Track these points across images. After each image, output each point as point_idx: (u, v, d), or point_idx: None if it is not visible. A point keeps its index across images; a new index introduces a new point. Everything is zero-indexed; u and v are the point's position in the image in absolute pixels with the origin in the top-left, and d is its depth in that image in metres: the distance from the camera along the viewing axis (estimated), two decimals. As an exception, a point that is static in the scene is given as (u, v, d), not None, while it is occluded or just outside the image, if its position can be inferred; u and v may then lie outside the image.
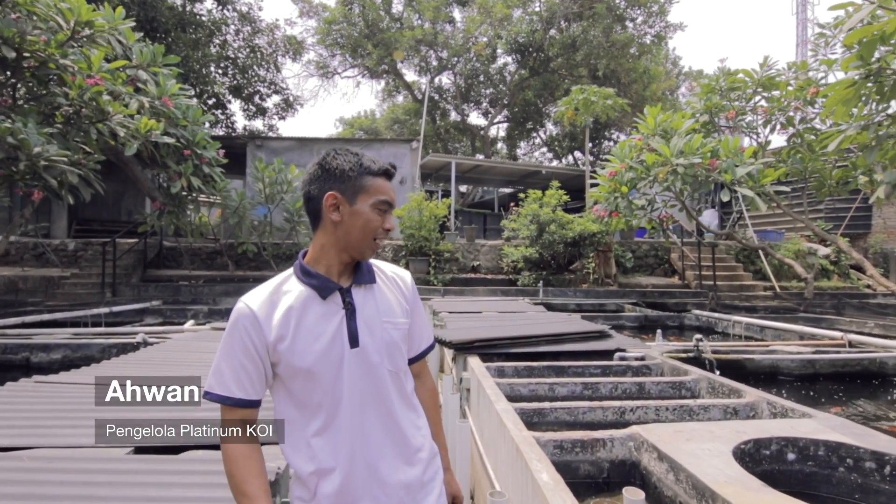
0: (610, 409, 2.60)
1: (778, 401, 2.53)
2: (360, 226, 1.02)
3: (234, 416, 0.99)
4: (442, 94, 22.62)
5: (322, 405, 1.00)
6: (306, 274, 1.05)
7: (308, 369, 0.99)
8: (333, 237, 1.04)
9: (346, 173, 1.02)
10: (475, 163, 13.98)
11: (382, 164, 1.07)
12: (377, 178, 1.04)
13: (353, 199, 1.02)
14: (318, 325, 1.01)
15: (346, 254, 1.05)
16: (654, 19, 15.76)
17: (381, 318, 1.07)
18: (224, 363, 0.99)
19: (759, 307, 8.76)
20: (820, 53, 8.49)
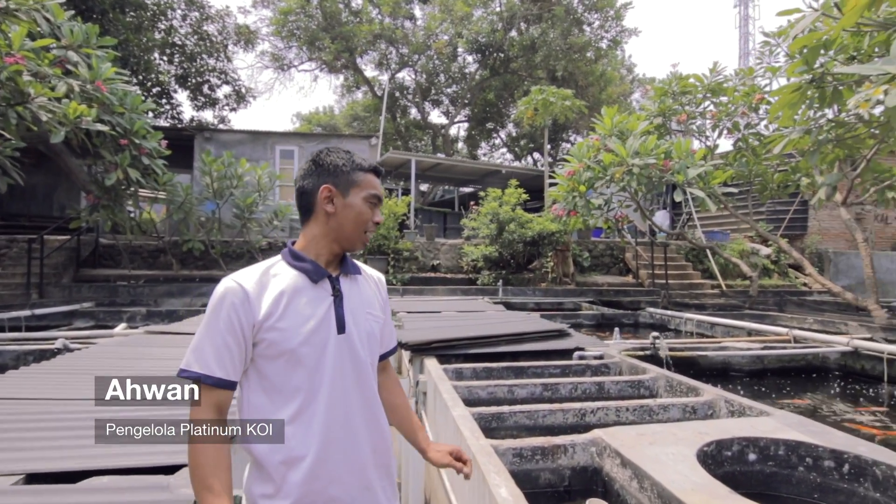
0: (570, 411, 2.50)
1: (735, 398, 2.52)
2: (352, 217, 1.07)
3: (209, 398, 0.97)
4: (402, 91, 22.35)
5: (300, 389, 1.00)
6: (297, 258, 1.07)
7: (293, 351, 0.99)
8: (326, 227, 1.08)
9: (340, 168, 1.08)
10: (435, 161, 13.84)
11: (372, 162, 1.12)
12: (368, 174, 1.10)
13: (346, 192, 1.07)
14: (308, 307, 1.03)
15: (337, 244, 1.10)
16: (610, 23, 16.15)
17: (364, 309, 1.11)
18: (206, 340, 0.97)
19: (707, 304, 9.08)
20: (764, 61, 8.89)
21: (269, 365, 1.00)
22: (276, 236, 10.59)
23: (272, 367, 1.00)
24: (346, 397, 1.04)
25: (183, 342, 3.99)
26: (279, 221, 10.04)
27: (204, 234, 10.06)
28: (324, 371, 1.01)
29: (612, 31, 16.38)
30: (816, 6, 4.42)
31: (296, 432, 0.99)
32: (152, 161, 7.74)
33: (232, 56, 13.74)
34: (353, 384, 1.05)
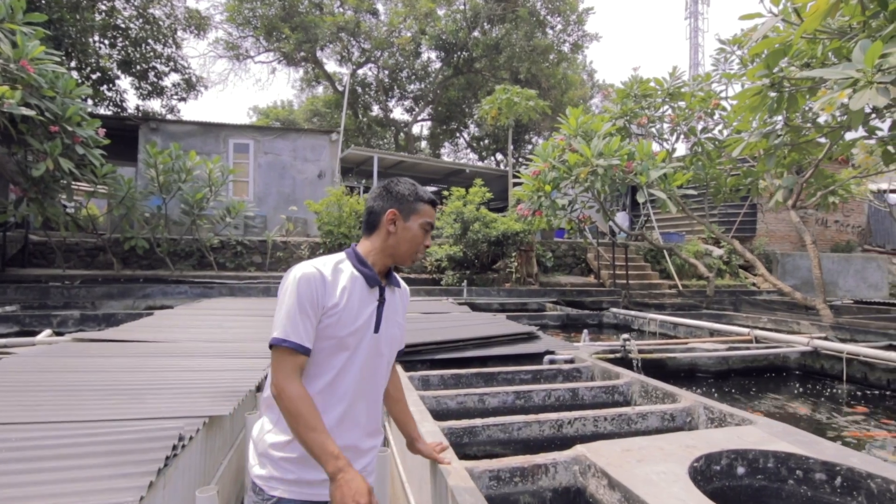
0: (546, 422, 2.34)
1: (713, 405, 2.42)
2: (409, 238, 1.27)
3: (296, 362, 1.14)
4: (365, 87, 21.88)
5: (335, 368, 1.20)
6: (362, 263, 1.26)
7: (342, 338, 1.18)
8: (385, 244, 1.27)
9: (406, 197, 1.28)
10: (399, 158, 13.54)
11: (431, 196, 1.32)
12: (427, 205, 1.30)
13: (408, 218, 1.27)
14: (360, 306, 1.22)
15: (391, 259, 1.29)
16: (572, 27, 16.34)
17: (394, 317, 1.31)
18: (297, 316, 1.13)
19: (666, 304, 9.26)
20: (720, 68, 9.16)
21: (318, 343, 1.18)
22: (228, 234, 10.00)
23: (319, 346, 1.18)
24: (366, 384, 1.24)
25: (119, 351, 3.58)
26: (232, 219, 9.48)
27: (149, 231, 9.37)
28: (356, 359, 1.21)
29: (574, 34, 16.60)
30: (776, 11, 4.50)
31: (320, 400, 1.17)
32: (88, 151, 7.08)
33: (181, 42, 12.90)
34: (374, 374, 1.26)
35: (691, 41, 40.58)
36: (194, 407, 2.25)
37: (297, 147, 12.55)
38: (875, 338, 5.50)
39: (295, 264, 1.23)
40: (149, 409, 2.22)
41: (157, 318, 5.31)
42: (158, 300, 8.46)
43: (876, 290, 12.11)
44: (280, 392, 1.11)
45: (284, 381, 1.11)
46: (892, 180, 14.65)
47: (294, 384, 1.12)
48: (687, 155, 9.98)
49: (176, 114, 14.06)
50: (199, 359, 3.43)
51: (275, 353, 1.15)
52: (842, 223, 15.22)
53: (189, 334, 4.35)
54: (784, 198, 5.36)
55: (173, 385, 2.67)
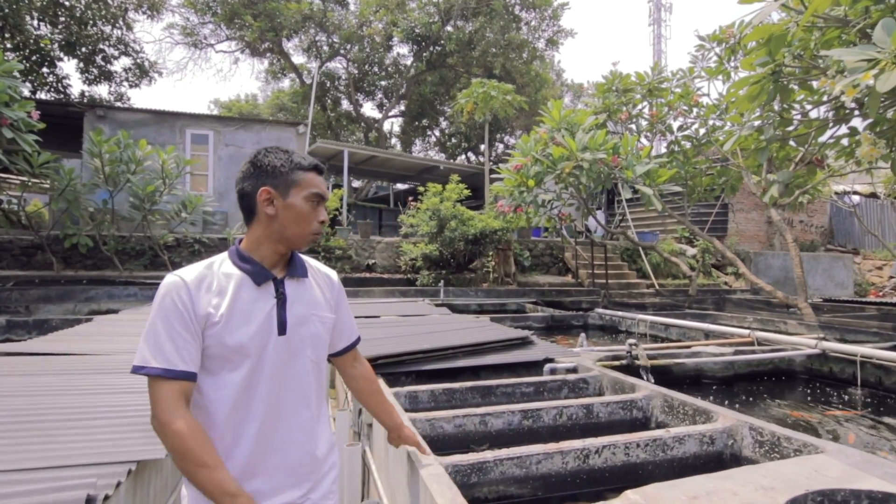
0: (570, 452, 1.92)
1: (760, 424, 2.06)
2: (294, 218, 1.07)
3: (174, 389, 0.95)
4: (333, 80, 21.11)
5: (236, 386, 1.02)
6: (243, 259, 1.08)
7: (235, 348, 1.02)
8: (269, 230, 1.08)
9: (278, 169, 1.08)
10: (370, 153, 12.97)
11: (312, 160, 1.12)
12: (308, 173, 1.10)
13: (286, 193, 1.07)
14: (250, 308, 1.04)
15: (281, 245, 1.10)
16: (547, 22, 16.15)
17: (310, 311, 1.13)
18: (162, 334, 0.97)
19: (647, 304, 9.09)
20: (698, 65, 9.05)
21: (208, 361, 1.02)
22: (184, 231, 9.21)
23: (211, 364, 1.02)
24: (282, 396, 1.07)
25: (41, 367, 2.95)
26: (188, 214, 8.71)
27: (94, 227, 8.48)
28: (262, 371, 1.04)
29: (550, 30, 16.42)
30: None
31: (229, 425, 1.02)
32: (18, 135, 6.24)
33: (133, 24, 11.87)
34: (290, 384, 1.09)
35: (654, 47, 41.43)
36: (121, 447, 1.72)
37: (261, 139, 11.79)
38: (867, 337, 5.39)
39: None
40: (60, 453, 1.67)
41: (97, 325, 4.63)
42: (104, 304, 7.63)
43: (842, 288, 12.41)
44: (161, 428, 0.94)
45: (163, 415, 0.94)
46: (856, 181, 15.13)
47: (175, 416, 0.94)
48: (663, 154, 9.88)
49: (126, 101, 13.00)
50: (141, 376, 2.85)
51: (148, 383, 0.96)
52: (806, 223, 15.64)
53: (132, 344, 3.72)
54: (780, 193, 5.19)
55: (101, 413, 2.12)
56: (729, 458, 2.12)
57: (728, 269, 13.47)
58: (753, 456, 2.05)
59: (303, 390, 1.11)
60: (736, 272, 13.25)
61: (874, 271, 14.98)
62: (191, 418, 0.95)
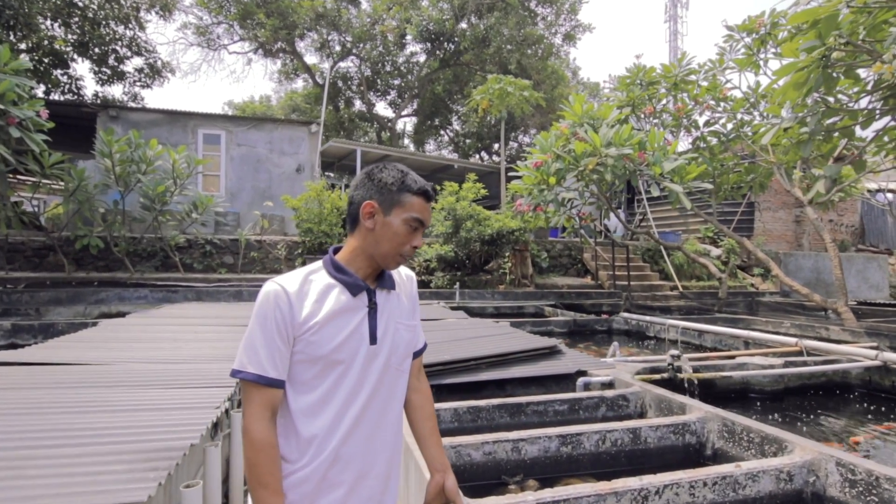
0: (625, 494, 1.61)
1: (848, 459, 1.73)
2: (388, 237, 1.08)
3: (263, 397, 1.00)
4: (346, 80, 20.95)
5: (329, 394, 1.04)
6: (339, 270, 1.10)
7: (328, 356, 1.03)
8: (365, 242, 1.10)
9: (388, 186, 1.08)
10: (383, 152, 12.73)
11: (423, 184, 1.11)
12: (415, 197, 1.09)
13: (389, 211, 1.08)
14: (344, 317, 1.06)
15: (372, 260, 1.11)
16: (564, 17, 15.75)
17: (396, 321, 1.14)
18: (259, 341, 1.01)
19: (672, 307, 8.68)
20: (727, 56, 8.63)
21: (302, 369, 1.04)
22: (195, 232, 9.06)
23: (305, 372, 1.04)
24: (373, 405, 1.08)
25: (32, 380, 2.75)
26: (200, 215, 8.55)
27: (105, 228, 8.37)
28: (352, 379, 1.05)
29: (567, 24, 16.02)
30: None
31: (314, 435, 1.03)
32: (26, 134, 6.10)
33: (145, 24, 11.79)
34: (381, 392, 1.09)
35: (671, 44, 40.64)
36: (97, 486, 1.46)
37: (273, 139, 11.64)
38: (921, 345, 4.95)
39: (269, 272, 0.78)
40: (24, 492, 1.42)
41: (101, 331, 4.43)
42: (114, 306, 7.48)
43: (877, 290, 11.81)
44: (245, 431, 0.99)
45: (250, 421, 0.99)
46: (889, 178, 14.46)
47: (259, 426, 0.98)
48: (689, 150, 9.46)
49: (139, 102, 12.95)
50: (136, 390, 2.61)
51: (242, 386, 1.02)
52: (836, 222, 14.99)
53: (133, 353, 3.50)
54: (826, 189, 4.80)
55: (84, 437, 1.87)
56: (811, 498, 1.79)
57: (755, 270, 12.94)
58: (843, 498, 1.72)
59: (390, 401, 1.12)
60: (763, 273, 12.72)
61: (908, 272, 14.28)
62: (270, 431, 0.99)
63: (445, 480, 1.20)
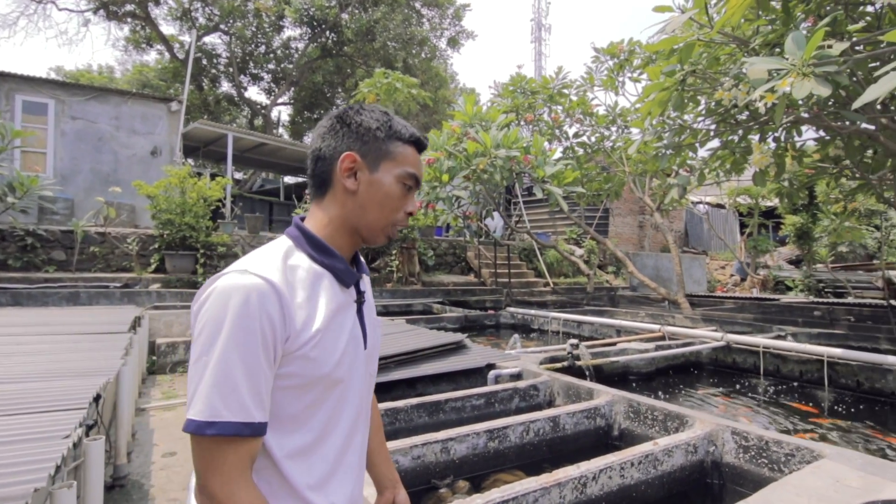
0: (567, 484, 1.60)
1: (742, 428, 1.95)
2: (378, 200, 0.81)
3: (245, 452, 0.67)
4: (213, 59, 18.85)
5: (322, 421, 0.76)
6: (324, 252, 0.79)
7: (328, 376, 0.74)
8: (344, 210, 0.82)
9: (372, 132, 0.82)
10: (260, 140, 11.67)
11: (414, 131, 0.86)
12: (407, 146, 0.84)
13: (375, 166, 0.81)
14: (340, 319, 0.78)
15: (354, 235, 0.84)
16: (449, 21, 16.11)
17: (373, 315, 0.92)
18: (238, 371, 0.65)
19: (548, 301, 9.37)
20: (595, 75, 9.61)
21: (291, 399, 0.72)
22: (12, 220, 7.31)
23: (294, 402, 0.73)
24: (356, 429, 0.83)
25: None
26: (17, 199, 6.91)
27: None
28: (347, 400, 0.79)
29: (452, 29, 16.41)
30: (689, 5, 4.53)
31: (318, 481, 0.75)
32: None
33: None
34: (364, 411, 0.85)
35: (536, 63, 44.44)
36: None
37: (121, 115, 9.93)
38: (741, 328, 6.00)
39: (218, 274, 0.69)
40: None
41: None
42: None
43: (699, 285, 14.18)
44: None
45: (224, 488, 0.65)
46: (706, 192, 17.45)
47: (240, 489, 0.66)
48: (562, 157, 10.35)
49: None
50: None
51: (201, 444, 0.65)
52: (668, 227, 17.75)
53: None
54: (679, 195, 5.57)
55: None
56: (710, 465, 1.98)
57: (609, 268, 14.65)
58: (738, 462, 1.93)
59: (368, 415, 0.89)
60: (615, 271, 14.46)
61: (719, 270, 17.50)
62: (257, 490, 0.69)
63: (396, 497, 1.03)
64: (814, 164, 6.17)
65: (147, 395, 4.65)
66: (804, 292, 11.21)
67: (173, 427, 4.09)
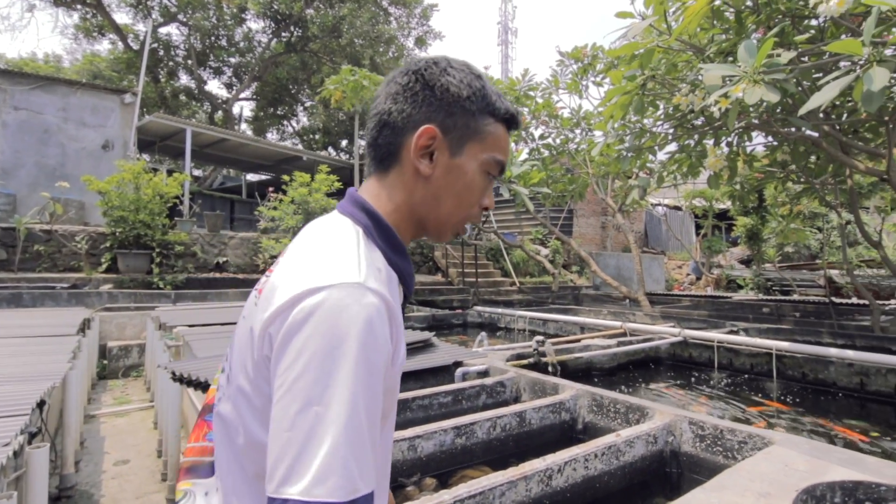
0: (533, 477, 1.62)
1: (700, 418, 2.03)
2: (457, 190, 0.66)
3: None
4: (169, 50, 18.11)
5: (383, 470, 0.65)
6: (399, 252, 0.64)
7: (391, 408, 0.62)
8: (413, 197, 0.66)
9: (461, 102, 0.64)
10: (221, 135, 11.29)
11: (510, 106, 0.70)
12: (499, 125, 0.68)
13: (459, 147, 0.65)
14: None
15: (421, 228, 0.69)
16: (417, 21, 16.07)
17: None
18: (366, 424, 0.48)
19: (514, 300, 9.49)
20: (561, 78, 9.81)
21: None
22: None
23: None
24: None
25: None
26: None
27: None
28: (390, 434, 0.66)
29: (419, 28, 16.38)
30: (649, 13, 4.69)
31: None
32: None
33: None
34: None
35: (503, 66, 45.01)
36: None
37: (69, 106, 9.40)
38: (697, 325, 6.25)
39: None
40: None
41: None
42: None
43: (657, 283, 14.70)
44: None
45: None
46: (665, 195, 18.11)
47: None
48: (527, 158, 10.52)
49: None
50: None
51: None
52: (629, 228, 18.34)
53: None
54: (640, 196, 5.76)
55: None
56: (669, 455, 2.05)
57: (573, 267, 14.99)
58: (695, 451, 2.00)
59: None
60: (579, 270, 14.80)
61: (676, 269, 18.22)
62: None
63: None
64: (763, 168, 6.48)
65: (97, 401, 4.42)
66: (754, 290, 11.80)
67: (126, 434, 3.90)
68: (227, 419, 0.62)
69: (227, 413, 0.63)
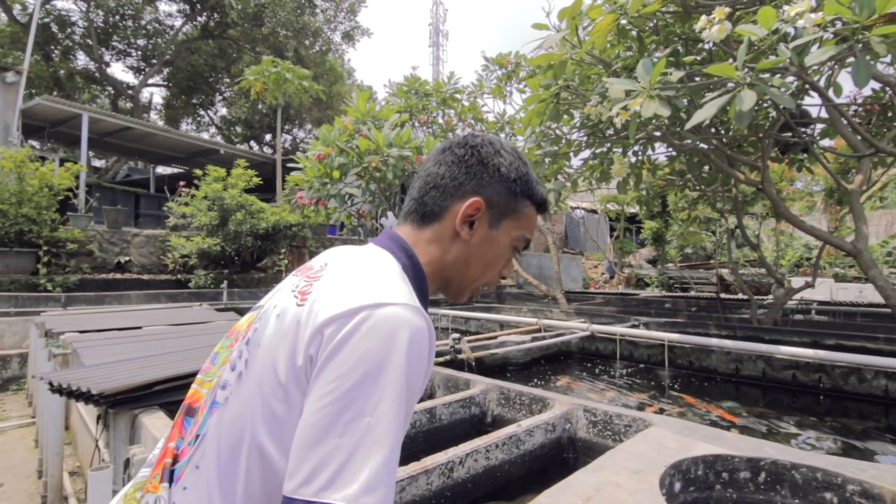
0: (434, 470, 1.66)
1: (593, 406, 2.19)
2: (487, 259, 0.74)
3: None
4: (64, 27, 16.27)
5: None
6: (424, 297, 0.68)
7: None
8: (447, 257, 0.72)
9: (509, 184, 0.73)
10: (124, 123, 10.32)
11: (545, 193, 0.79)
12: (533, 208, 0.78)
13: (497, 222, 0.74)
14: None
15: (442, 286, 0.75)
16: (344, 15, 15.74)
17: None
18: (396, 440, 0.50)
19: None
20: (485, 83, 10.08)
21: None
22: None
23: None
24: None
25: None
26: None
27: None
28: None
29: (347, 23, 16.04)
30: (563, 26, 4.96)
31: None
32: None
33: None
34: None
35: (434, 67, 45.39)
36: None
37: (-67, 81, 8.15)
38: (607, 320, 6.71)
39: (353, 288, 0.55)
40: None
41: None
42: None
43: (575, 282, 15.56)
44: None
45: None
46: (583, 199, 19.19)
47: None
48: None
49: None
50: None
51: None
52: (549, 230, 19.26)
53: None
54: (555, 200, 6.07)
55: None
56: (566, 441, 2.19)
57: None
58: (588, 436, 2.16)
59: None
60: (505, 270, 15.30)
61: (592, 269, 19.41)
62: None
63: None
64: (664, 176, 7.08)
65: (-37, 419, 3.90)
66: (658, 288, 12.87)
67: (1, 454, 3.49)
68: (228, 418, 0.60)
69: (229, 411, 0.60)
